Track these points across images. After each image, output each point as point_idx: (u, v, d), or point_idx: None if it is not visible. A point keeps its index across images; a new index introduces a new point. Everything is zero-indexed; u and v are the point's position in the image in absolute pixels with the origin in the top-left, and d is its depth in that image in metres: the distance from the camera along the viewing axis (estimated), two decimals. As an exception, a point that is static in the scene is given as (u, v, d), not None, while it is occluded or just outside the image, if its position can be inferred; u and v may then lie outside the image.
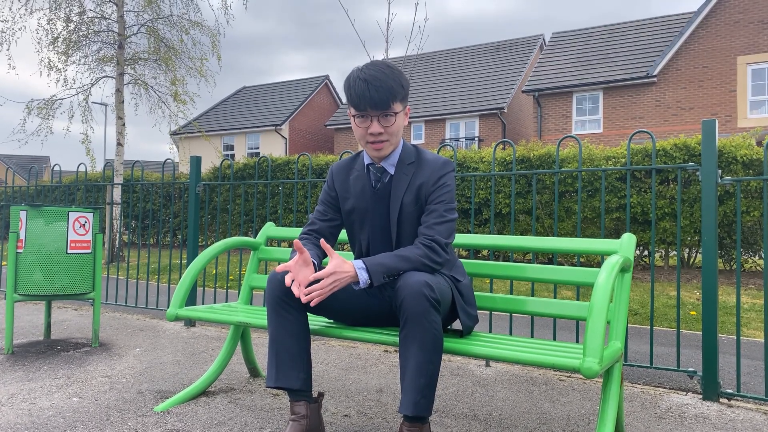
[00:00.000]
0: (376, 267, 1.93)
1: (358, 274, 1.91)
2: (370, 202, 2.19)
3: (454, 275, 2.20)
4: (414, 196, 2.11)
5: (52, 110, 9.94)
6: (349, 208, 2.24)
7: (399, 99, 2.05)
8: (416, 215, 2.12)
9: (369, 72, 2.02)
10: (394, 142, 2.12)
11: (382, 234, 2.18)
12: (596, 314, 1.87)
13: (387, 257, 1.96)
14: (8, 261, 3.68)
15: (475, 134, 24.25)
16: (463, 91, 25.46)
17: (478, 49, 28.38)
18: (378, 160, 2.17)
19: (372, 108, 2.01)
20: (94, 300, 3.90)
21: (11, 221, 3.79)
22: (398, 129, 2.10)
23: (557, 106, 21.14)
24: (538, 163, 8.54)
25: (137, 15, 10.17)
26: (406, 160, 2.16)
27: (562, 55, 22.73)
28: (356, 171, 2.24)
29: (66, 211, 3.77)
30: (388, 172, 2.17)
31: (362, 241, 2.23)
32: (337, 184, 2.29)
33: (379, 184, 2.18)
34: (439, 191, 2.10)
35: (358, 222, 2.22)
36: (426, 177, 2.11)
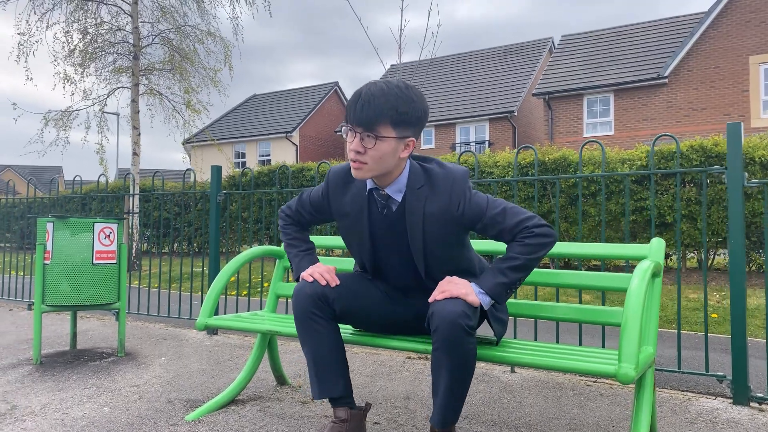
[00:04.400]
0: (495, 288, 1.84)
1: (481, 299, 1.82)
2: (377, 228, 2.03)
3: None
4: (437, 223, 1.92)
5: (68, 121, 10.06)
6: (346, 225, 2.09)
7: (391, 123, 1.82)
8: (443, 242, 1.95)
9: (373, 87, 1.86)
10: (376, 169, 1.87)
11: (402, 262, 2.05)
12: (631, 320, 1.87)
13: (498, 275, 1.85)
14: (36, 272, 3.72)
15: (486, 138, 24.24)
16: (472, 95, 25.47)
17: (486, 53, 28.40)
18: (381, 183, 1.96)
19: (355, 123, 1.84)
20: (120, 310, 3.94)
21: (38, 233, 3.84)
22: (382, 155, 1.84)
23: (568, 108, 21.10)
24: (553, 166, 8.53)
25: (152, 26, 10.30)
26: (415, 184, 1.94)
27: (572, 58, 22.69)
28: (355, 187, 2.04)
29: (92, 223, 3.81)
30: (395, 199, 1.97)
31: (364, 257, 2.10)
32: (332, 195, 2.11)
33: (386, 210, 1.99)
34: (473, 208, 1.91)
35: (357, 241, 2.08)
36: (446, 202, 1.91)
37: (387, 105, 1.81)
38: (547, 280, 2.54)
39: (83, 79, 9.98)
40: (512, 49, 27.80)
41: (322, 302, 2.00)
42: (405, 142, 1.89)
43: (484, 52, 28.59)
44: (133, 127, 9.90)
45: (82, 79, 9.96)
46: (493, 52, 28.34)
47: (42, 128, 10.01)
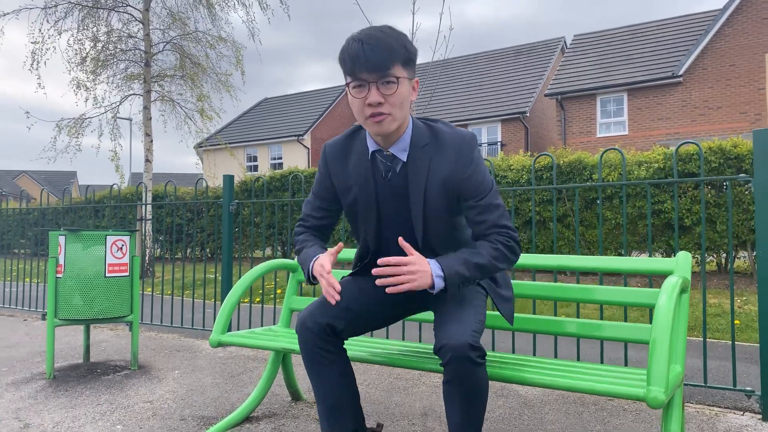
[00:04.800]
0: (453, 277, 1.72)
1: (435, 282, 1.71)
2: (381, 195, 1.90)
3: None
4: (440, 187, 1.82)
5: (81, 129, 10.10)
6: (351, 200, 1.95)
7: (401, 62, 1.73)
8: (444, 208, 1.85)
9: (365, 32, 1.73)
10: (399, 117, 1.76)
11: (398, 225, 1.92)
12: (660, 340, 1.80)
13: (462, 264, 1.74)
14: (48, 286, 3.70)
15: (498, 139, 24.11)
16: (484, 97, 25.35)
17: (498, 54, 28.26)
18: (385, 145, 1.85)
19: (368, 71, 1.69)
20: (133, 322, 3.90)
21: (50, 246, 3.82)
22: (402, 100, 1.75)
23: (581, 109, 20.92)
24: (568, 170, 8.42)
25: (163, 33, 10.31)
26: (420, 142, 1.84)
27: (584, 58, 22.51)
28: (356, 155, 1.92)
29: (104, 236, 3.78)
30: (400, 159, 1.85)
31: (369, 234, 1.96)
32: (333, 170, 1.98)
33: (390, 174, 1.87)
34: (477, 176, 1.81)
35: (364, 216, 1.94)
36: (452, 162, 1.81)
37: (396, 43, 1.71)
38: (570, 295, 2.47)
39: (95, 87, 10.02)
40: (524, 49, 27.64)
41: (329, 335, 1.89)
42: (413, 83, 1.83)
43: (496, 53, 28.45)
44: (145, 134, 9.92)
45: (95, 87, 10.00)
46: (504, 52, 28.20)
47: (55, 136, 10.07)
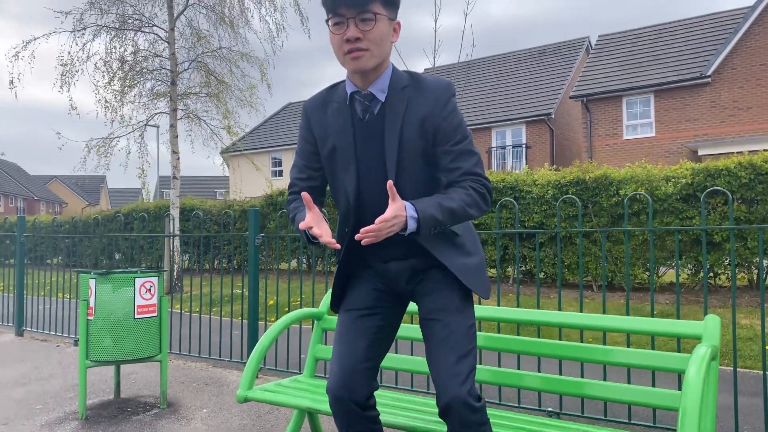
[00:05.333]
0: (427, 220, 1.71)
1: (408, 224, 1.70)
2: (358, 137, 1.86)
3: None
4: (417, 128, 1.80)
5: (110, 148, 10.30)
6: (329, 149, 1.90)
7: (381, 1, 1.74)
8: (420, 152, 1.82)
9: None
10: (377, 54, 1.77)
11: (376, 177, 1.85)
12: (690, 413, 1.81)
13: (436, 208, 1.73)
14: (80, 328, 3.78)
15: (522, 141, 23.94)
16: (508, 98, 25.17)
17: (521, 55, 28.03)
18: (363, 85, 1.83)
19: (347, 7, 1.71)
20: (162, 362, 3.97)
21: (81, 289, 3.90)
22: (381, 36, 1.75)
23: (607, 110, 20.65)
24: (594, 185, 8.31)
25: (188, 51, 10.45)
26: (399, 84, 1.83)
27: (610, 58, 22.21)
28: (335, 103, 1.90)
29: (132, 278, 3.85)
30: (378, 99, 1.83)
31: (348, 187, 1.88)
32: (314, 123, 1.95)
33: (368, 116, 1.84)
34: (454, 119, 1.81)
35: (342, 164, 1.88)
36: (431, 103, 1.80)
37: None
38: (595, 357, 2.45)
39: (122, 106, 10.21)
40: (548, 49, 27.38)
41: (360, 408, 1.92)
42: (393, 24, 1.83)
43: (519, 54, 28.23)
44: (172, 152, 10.07)
45: (122, 106, 10.19)
46: (528, 53, 27.97)
47: (85, 156, 10.28)
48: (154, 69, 10.15)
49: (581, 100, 20.86)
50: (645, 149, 19.82)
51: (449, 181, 1.83)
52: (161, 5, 10.12)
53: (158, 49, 10.28)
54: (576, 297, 8.33)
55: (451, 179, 1.83)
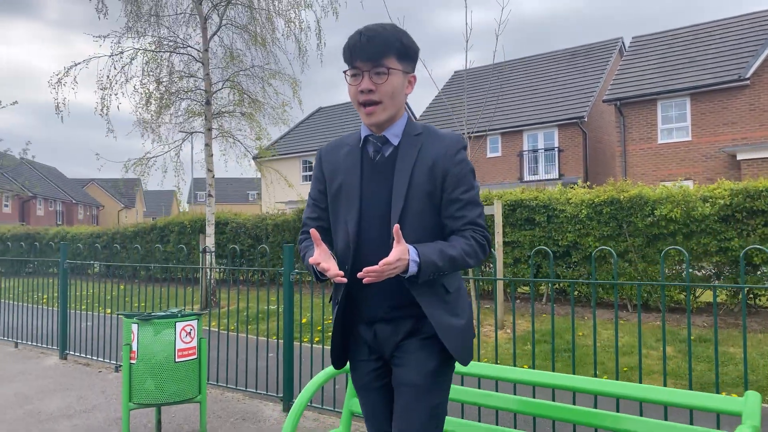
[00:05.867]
0: (428, 265, 1.74)
1: (410, 267, 1.73)
2: (365, 177, 1.90)
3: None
4: (427, 171, 1.84)
5: (147, 168, 10.56)
6: (336, 187, 1.94)
7: (396, 55, 1.82)
8: (426, 196, 1.85)
9: (369, 26, 1.84)
10: (390, 107, 1.85)
11: (379, 218, 1.86)
12: None
13: (437, 254, 1.76)
14: (123, 372, 3.90)
15: (555, 145, 23.71)
16: (539, 101, 24.94)
17: (553, 56, 27.74)
18: (377, 129, 1.90)
19: (362, 60, 1.80)
20: (201, 403, 4.07)
21: (124, 333, 4.02)
22: (393, 90, 1.83)
23: (641, 114, 20.30)
24: (629, 205, 8.21)
25: (222, 71, 10.63)
26: (413, 131, 1.91)
27: (644, 61, 21.83)
28: (348, 146, 1.97)
29: (173, 322, 3.95)
30: (391, 143, 1.90)
31: (349, 224, 1.89)
32: (325, 163, 2.01)
33: (379, 157, 1.90)
34: (464, 167, 1.87)
35: (346, 202, 1.91)
36: (442, 150, 1.86)
37: (392, 37, 1.80)
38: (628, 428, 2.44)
39: (158, 126, 10.44)
40: (580, 51, 27.04)
41: None
42: (408, 77, 1.90)
43: (551, 55, 27.94)
44: (207, 170, 10.26)
45: (158, 126, 10.42)
46: (559, 55, 27.66)
47: (123, 175, 10.56)
48: (189, 89, 10.37)
49: (614, 103, 20.55)
50: (681, 153, 19.44)
51: (452, 229, 1.87)
52: (195, 26, 10.34)
53: (192, 69, 10.49)
54: (609, 318, 8.24)
55: (454, 227, 1.86)
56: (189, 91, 10.42)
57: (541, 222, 9.00)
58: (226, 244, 13.39)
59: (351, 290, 1.94)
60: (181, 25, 10.45)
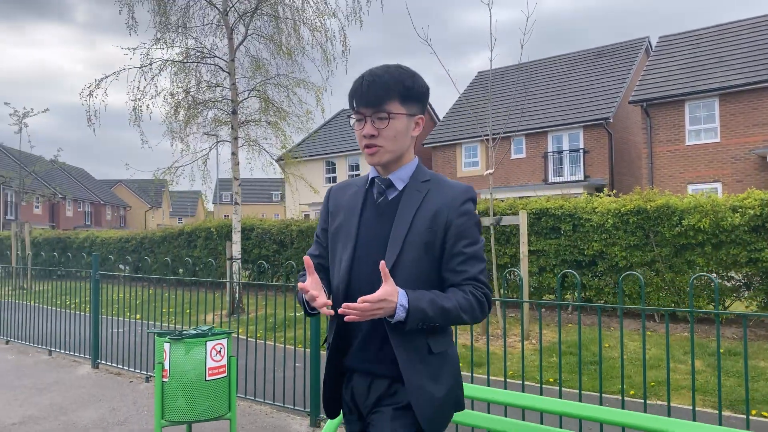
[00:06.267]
0: (416, 311, 1.66)
1: (397, 311, 1.65)
2: (365, 217, 1.87)
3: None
4: (429, 220, 1.78)
5: (175, 176, 10.76)
6: (336, 225, 1.92)
7: (398, 99, 1.78)
8: (423, 245, 1.77)
9: (373, 69, 1.82)
10: (392, 150, 1.81)
11: (373, 260, 1.77)
12: None
13: (429, 302, 1.69)
14: (155, 390, 3.99)
15: (580, 146, 23.50)
16: (564, 102, 24.74)
17: (578, 56, 27.49)
18: (384, 171, 1.87)
19: (364, 106, 1.78)
20: (231, 420, 4.15)
21: (156, 351, 4.12)
22: (396, 134, 1.80)
23: (668, 115, 20.01)
24: (656, 215, 8.12)
25: (248, 81, 10.78)
26: (420, 177, 1.86)
27: (671, 61, 21.52)
28: (356, 187, 1.95)
29: (204, 341, 4.04)
30: (395, 186, 1.86)
31: (343, 263, 1.85)
32: (332, 201, 2.00)
33: (382, 199, 1.86)
34: (469, 220, 1.80)
35: (342, 242, 1.87)
36: (447, 199, 1.80)
37: (393, 80, 1.77)
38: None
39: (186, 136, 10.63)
40: (605, 51, 26.76)
41: None
42: (414, 119, 1.86)
43: (575, 55, 27.68)
44: (234, 178, 10.40)
45: (186, 135, 10.61)
46: (584, 54, 27.40)
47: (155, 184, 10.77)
48: (217, 100, 10.53)
49: (641, 104, 20.29)
50: (709, 155, 19.14)
51: (452, 283, 1.79)
52: (221, 37, 10.50)
53: (219, 79, 10.65)
54: (636, 328, 8.17)
55: (454, 282, 1.79)
56: (216, 101, 10.59)
57: (566, 231, 8.96)
58: (252, 250, 13.54)
59: (339, 332, 1.88)
60: (208, 36, 10.65)
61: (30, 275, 13.91)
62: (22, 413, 5.30)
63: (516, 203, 9.55)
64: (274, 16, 10.32)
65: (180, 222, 70.17)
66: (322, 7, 10.33)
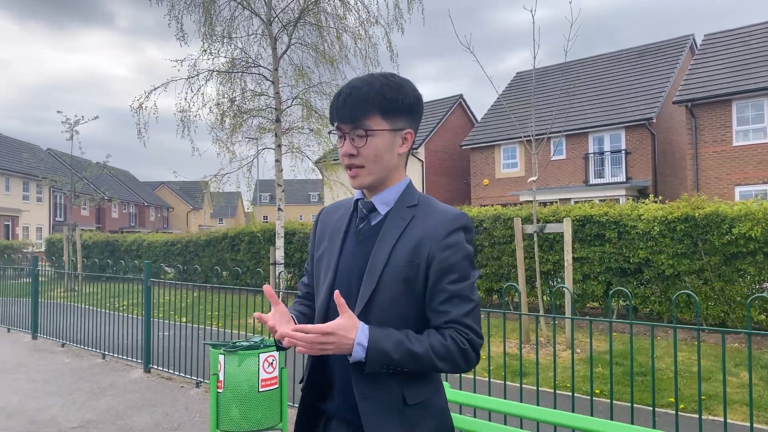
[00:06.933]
0: (377, 354, 1.44)
1: (354, 349, 1.44)
2: (348, 245, 1.67)
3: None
4: (409, 253, 1.54)
5: (221, 184, 11.01)
6: (320, 252, 1.74)
7: (379, 113, 1.55)
8: (403, 283, 1.54)
9: (355, 80, 1.62)
10: (374, 170, 1.59)
11: (347, 295, 1.56)
12: None
13: (394, 344, 1.46)
14: (210, 400, 4.12)
15: (622, 147, 23.11)
16: (605, 102, 24.35)
17: (620, 56, 27.02)
18: (368, 193, 1.66)
19: (342, 122, 1.57)
20: (282, 430, 4.26)
21: (211, 362, 4.25)
22: (377, 152, 1.57)
23: (714, 115, 19.51)
24: (704, 222, 7.95)
25: (291, 89, 10.97)
26: (407, 202, 1.63)
27: (717, 59, 20.97)
28: (343, 209, 1.76)
29: (257, 353, 4.15)
30: (378, 211, 1.64)
31: (321, 295, 1.67)
32: (319, 225, 1.82)
33: (363, 224, 1.65)
34: (456, 254, 1.54)
35: (324, 271, 1.69)
36: (431, 229, 1.56)
37: (372, 92, 1.54)
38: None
39: (232, 144, 10.88)
40: (647, 50, 26.23)
41: None
42: (401, 134, 1.61)
43: (617, 55, 27.22)
44: (277, 185, 10.58)
45: (232, 143, 10.86)
46: (626, 53, 26.91)
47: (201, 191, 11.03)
48: (261, 109, 10.75)
49: (686, 104, 19.84)
50: (758, 156, 18.60)
51: (434, 325, 1.55)
52: (266, 46, 10.69)
53: (263, 87, 10.86)
54: (684, 338, 8.02)
55: (435, 323, 1.54)
56: (260, 110, 10.80)
57: (611, 238, 8.83)
58: (293, 254, 13.73)
59: (316, 370, 1.68)
60: (252, 45, 10.87)
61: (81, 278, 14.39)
62: (81, 417, 5.51)
63: (559, 210, 9.46)
64: (316, 25, 10.48)
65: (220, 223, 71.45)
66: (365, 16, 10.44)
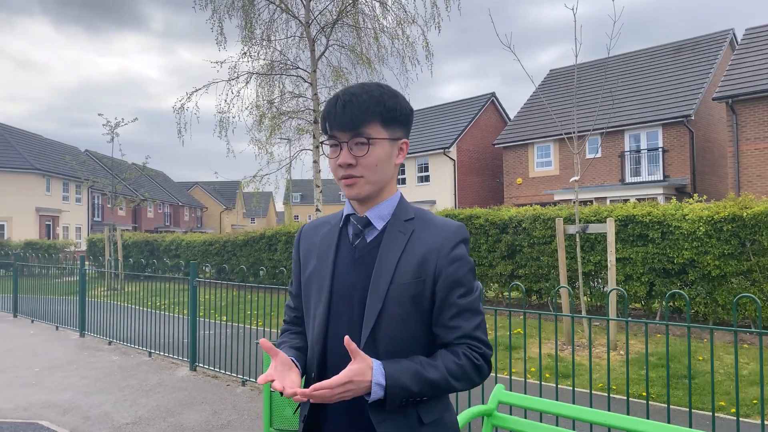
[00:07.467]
0: (396, 389, 1.40)
1: (373, 389, 1.39)
2: (340, 264, 1.58)
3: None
4: (415, 269, 1.50)
5: (261, 184, 11.18)
6: (308, 273, 1.64)
7: (380, 121, 1.51)
8: (411, 300, 1.49)
9: (348, 88, 1.58)
10: (373, 181, 1.53)
11: (350, 320, 1.53)
12: None
13: (412, 377, 1.42)
14: (264, 399, 4.20)
15: (659, 145, 22.71)
16: (642, 99, 23.96)
17: (656, 51, 26.54)
18: (361, 209, 1.59)
19: (340, 130, 1.51)
20: (334, 429, 4.32)
21: (264, 363, 4.32)
22: (377, 162, 1.52)
23: (756, 112, 19.04)
24: (753, 222, 7.78)
25: (329, 90, 11.05)
26: (403, 215, 1.58)
27: (759, 54, 20.45)
28: (329, 225, 1.67)
29: (309, 353, 4.21)
30: (374, 226, 1.57)
31: (316, 320, 1.57)
32: (302, 244, 1.71)
33: (359, 241, 1.58)
34: (462, 267, 1.52)
35: (316, 295, 1.59)
36: (436, 243, 1.52)
37: (372, 100, 1.50)
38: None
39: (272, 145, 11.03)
40: (685, 45, 25.72)
41: None
42: (398, 144, 1.58)
43: (653, 51, 26.74)
44: (315, 185, 10.68)
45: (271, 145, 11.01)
46: (663, 49, 26.43)
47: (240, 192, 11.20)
48: (299, 110, 10.87)
49: (726, 101, 19.40)
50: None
51: (444, 341, 1.52)
52: (303, 48, 10.81)
53: (301, 89, 10.97)
54: (731, 340, 7.86)
55: (446, 340, 1.51)
56: (298, 111, 10.93)
57: (654, 238, 8.70)
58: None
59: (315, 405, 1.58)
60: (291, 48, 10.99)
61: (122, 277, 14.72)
62: (134, 414, 5.65)
63: (600, 210, 9.35)
64: (354, 27, 10.54)
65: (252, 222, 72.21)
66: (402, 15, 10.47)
